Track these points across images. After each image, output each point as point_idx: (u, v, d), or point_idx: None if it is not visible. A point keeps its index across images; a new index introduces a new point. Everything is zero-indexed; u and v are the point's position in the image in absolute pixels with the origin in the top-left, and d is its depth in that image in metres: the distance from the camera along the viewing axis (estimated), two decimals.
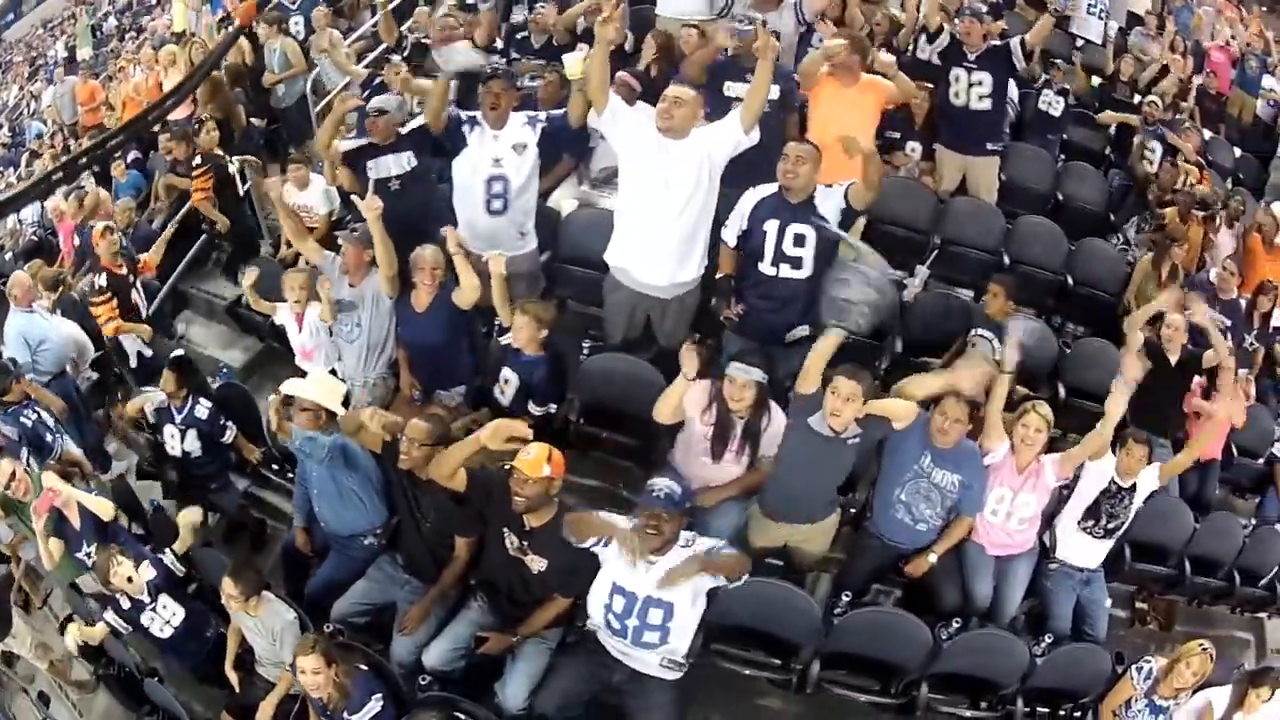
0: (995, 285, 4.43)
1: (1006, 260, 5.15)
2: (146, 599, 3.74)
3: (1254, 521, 5.12)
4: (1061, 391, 4.68)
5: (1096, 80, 7.37)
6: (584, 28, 5.77)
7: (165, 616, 3.77)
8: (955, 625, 3.79)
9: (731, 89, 4.52)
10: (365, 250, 4.08)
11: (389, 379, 4.34)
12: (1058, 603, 4.04)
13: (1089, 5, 7.89)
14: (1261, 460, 5.27)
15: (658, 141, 3.73)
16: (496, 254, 3.99)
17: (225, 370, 5.50)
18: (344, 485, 3.62)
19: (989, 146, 5.33)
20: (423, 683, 3.38)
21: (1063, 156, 6.26)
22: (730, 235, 3.87)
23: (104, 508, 3.98)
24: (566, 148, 4.89)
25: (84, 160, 6.75)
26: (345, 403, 3.78)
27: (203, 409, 4.42)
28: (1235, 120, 8.05)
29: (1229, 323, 5.15)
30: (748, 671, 3.79)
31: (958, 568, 3.89)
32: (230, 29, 7.18)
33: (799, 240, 3.74)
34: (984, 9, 5.45)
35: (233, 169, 6.13)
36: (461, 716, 3.24)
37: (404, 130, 4.47)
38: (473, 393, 4.17)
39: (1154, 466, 3.97)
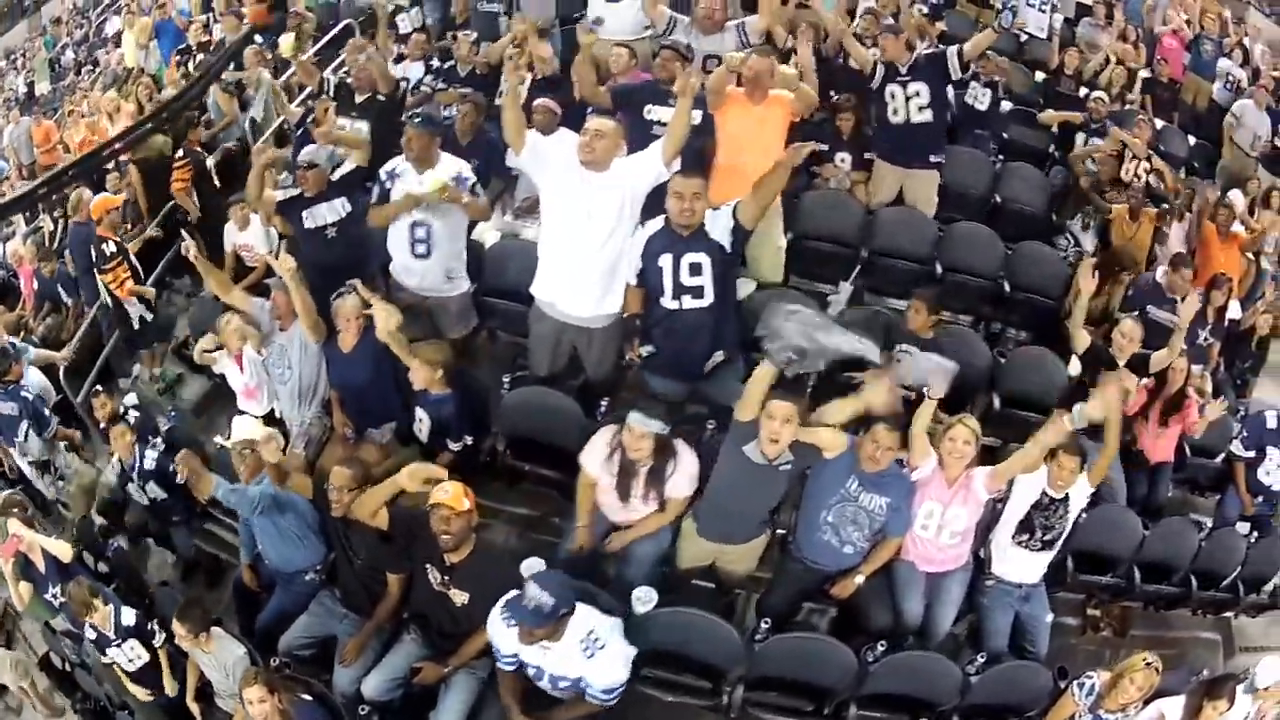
0: (916, 301, 4.34)
1: (939, 269, 5.07)
2: (113, 636, 3.91)
3: (1212, 522, 5.03)
4: (996, 402, 4.59)
5: (1040, 75, 7.29)
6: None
7: (130, 656, 3.96)
8: (881, 648, 3.71)
9: (652, 112, 4.47)
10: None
11: (324, 418, 4.42)
12: (994, 619, 3.95)
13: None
14: (1220, 458, 5.13)
15: (579, 174, 3.74)
16: (383, 308, 4.00)
17: (174, 412, 5.45)
18: (282, 527, 3.79)
19: (931, 159, 5.21)
20: (362, 712, 3.51)
21: (1001, 157, 6.15)
22: (630, 274, 3.85)
23: (62, 550, 4.24)
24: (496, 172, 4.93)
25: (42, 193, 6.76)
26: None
27: (150, 459, 4.48)
28: (1190, 107, 7.92)
29: (1177, 320, 4.95)
30: (670, 699, 3.75)
31: (887, 587, 3.83)
32: (244, 31, 7.25)
33: (695, 269, 3.71)
34: (894, 23, 5.34)
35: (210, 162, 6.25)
36: None
37: (334, 178, 4.62)
38: (401, 429, 4.24)
39: (1084, 476, 3.87)
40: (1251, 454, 4.98)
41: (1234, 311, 5.64)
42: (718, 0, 4.91)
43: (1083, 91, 6.98)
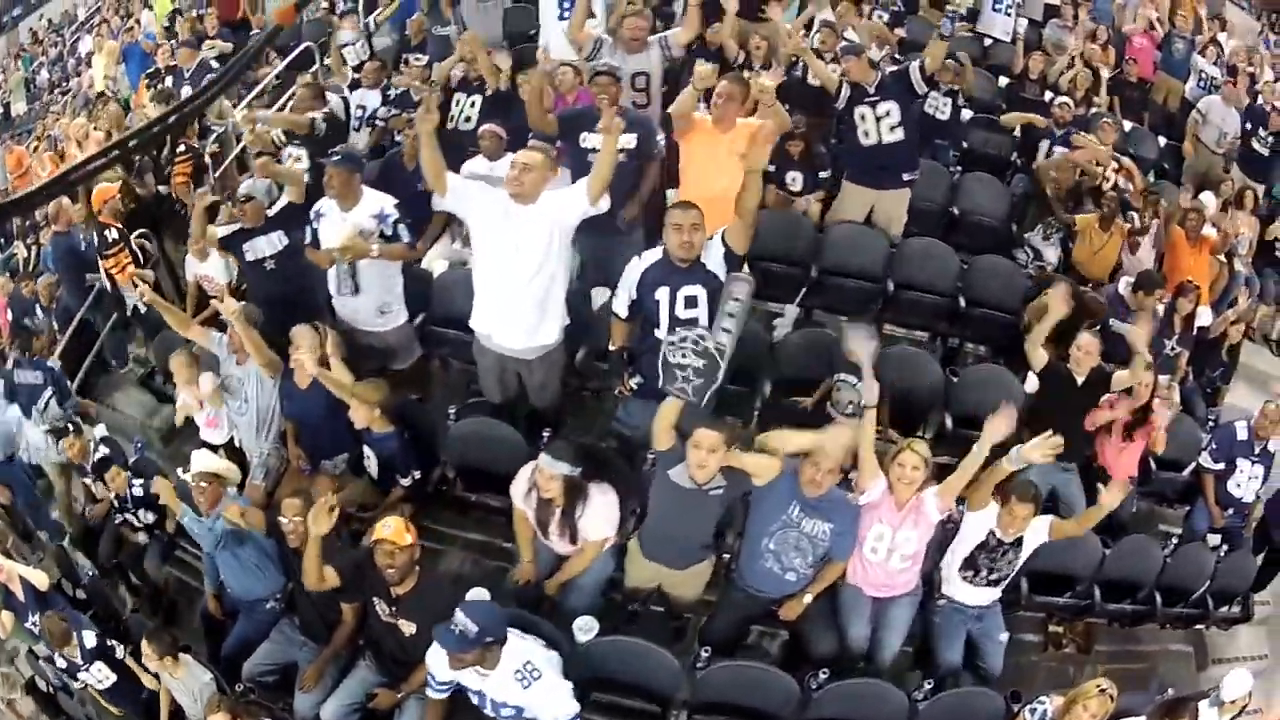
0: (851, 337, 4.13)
1: (891, 287, 5.01)
2: (80, 661, 4.02)
3: (1180, 535, 4.95)
4: (949, 422, 4.52)
5: (1004, 80, 7.20)
6: (460, 78, 5.82)
7: (99, 677, 4.07)
8: (824, 675, 3.66)
9: (588, 140, 4.46)
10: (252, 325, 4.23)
11: (281, 450, 4.47)
12: (947, 638, 3.90)
13: (994, 2, 7.75)
14: (1188, 471, 5.01)
15: (505, 208, 3.73)
16: (306, 354, 4.02)
17: (140, 442, 5.41)
18: (242, 558, 3.92)
19: (905, 177, 5.10)
20: None
21: (960, 167, 6.07)
22: (620, 307, 3.82)
23: (39, 578, 4.32)
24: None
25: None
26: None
27: (138, 486, 4.54)
28: (1161, 107, 7.79)
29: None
30: None
31: (832, 611, 3.79)
32: (269, 29, 7.15)
33: (690, 302, 3.69)
34: (853, 44, 5.29)
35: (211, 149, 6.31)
36: None
37: (271, 212, 4.72)
38: (353, 461, 4.32)
39: (1044, 521, 3.78)
40: (1220, 466, 4.89)
41: (1204, 318, 5.53)
42: (643, 19, 4.90)
43: (1048, 96, 6.88)
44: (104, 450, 4.75)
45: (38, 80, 12.45)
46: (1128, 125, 7.22)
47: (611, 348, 3.95)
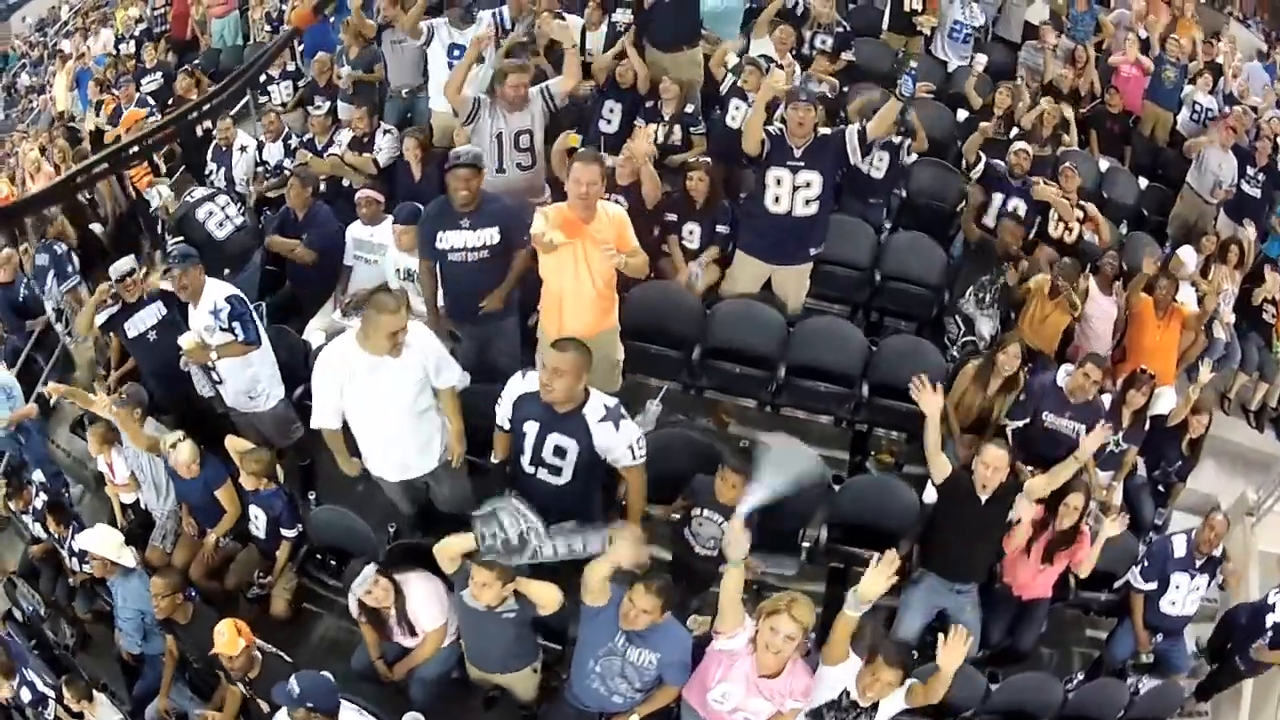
0: (729, 472, 3.57)
1: (782, 372, 4.45)
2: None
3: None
4: (823, 535, 3.99)
5: (964, 114, 6.52)
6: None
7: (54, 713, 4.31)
8: None
9: (444, 239, 4.06)
10: (133, 411, 4.41)
11: (178, 514, 4.62)
12: None
13: (952, 27, 7.02)
14: (1116, 586, 4.38)
15: (367, 369, 3.47)
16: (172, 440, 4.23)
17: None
18: (148, 620, 4.25)
19: (811, 252, 4.58)
20: None
21: (889, 224, 5.48)
22: (501, 419, 3.58)
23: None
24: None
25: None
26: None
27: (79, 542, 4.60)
28: (1147, 141, 6.98)
29: (1082, 428, 4.26)
30: None
31: None
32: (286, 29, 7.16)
33: (559, 452, 3.45)
34: (820, 88, 4.67)
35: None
36: None
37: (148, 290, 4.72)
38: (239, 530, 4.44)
39: (903, 689, 3.24)
40: (1152, 586, 4.25)
41: (1164, 403, 4.81)
42: (525, 74, 4.51)
43: (1014, 132, 6.21)
44: (44, 496, 4.91)
45: (18, 84, 12.25)
46: (1105, 164, 6.53)
47: (494, 459, 3.71)
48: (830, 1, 6.56)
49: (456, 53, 5.19)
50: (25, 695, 4.21)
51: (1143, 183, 6.55)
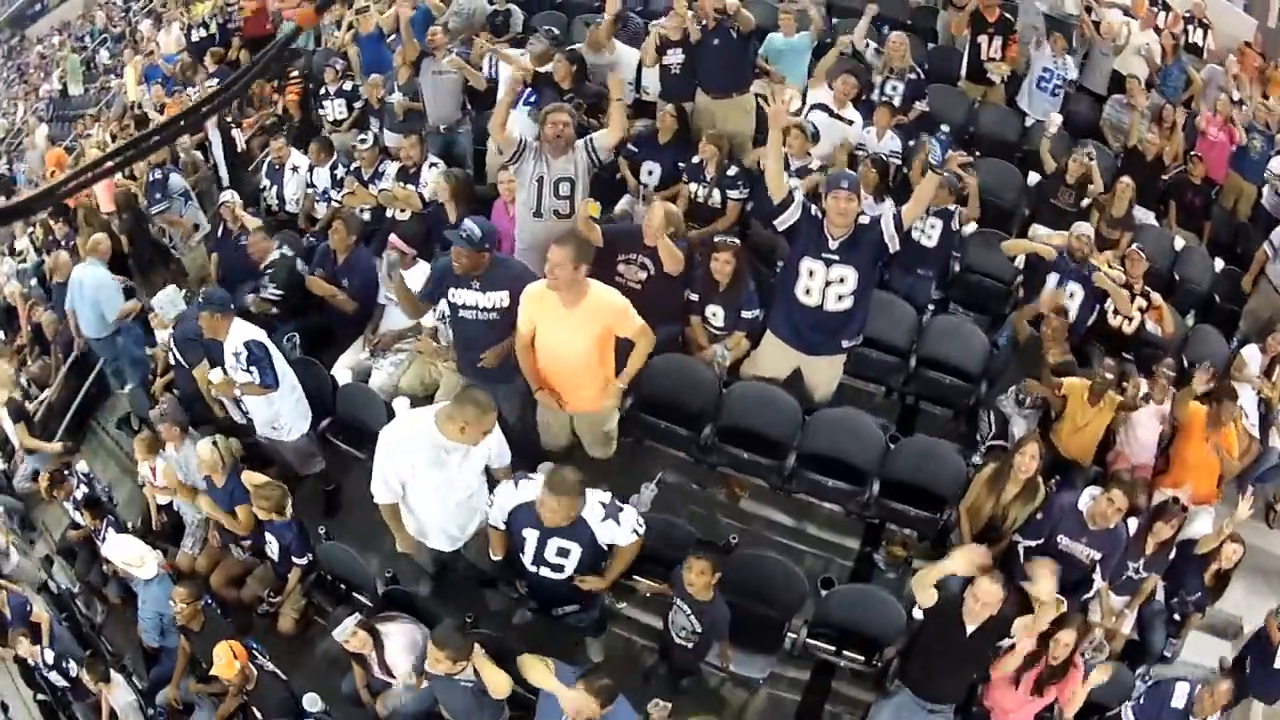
0: (693, 560, 3.53)
1: (792, 460, 4.35)
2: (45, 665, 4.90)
3: None
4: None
5: (1036, 177, 6.19)
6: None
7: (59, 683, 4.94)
8: None
9: (456, 295, 4.09)
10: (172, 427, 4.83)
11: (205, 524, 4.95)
12: None
13: (1041, 75, 6.61)
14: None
15: (444, 449, 3.47)
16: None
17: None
18: (166, 620, 4.63)
19: (844, 344, 4.33)
20: None
21: (937, 301, 5.25)
22: (495, 520, 3.61)
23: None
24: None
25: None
26: None
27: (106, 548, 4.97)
28: (1228, 215, 6.50)
29: (1099, 555, 4.07)
30: None
31: None
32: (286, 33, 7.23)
33: (562, 553, 3.51)
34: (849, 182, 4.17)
35: None
36: None
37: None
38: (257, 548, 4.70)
39: None
40: None
41: (1199, 527, 4.52)
42: (565, 115, 4.37)
43: (1085, 202, 5.87)
44: (84, 490, 5.31)
45: (96, 61, 12.55)
46: (1179, 242, 6.13)
47: (494, 556, 3.74)
48: (904, 45, 6.31)
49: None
50: (49, 656, 4.83)
51: (1218, 264, 6.11)
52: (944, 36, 7.26)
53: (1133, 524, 4.23)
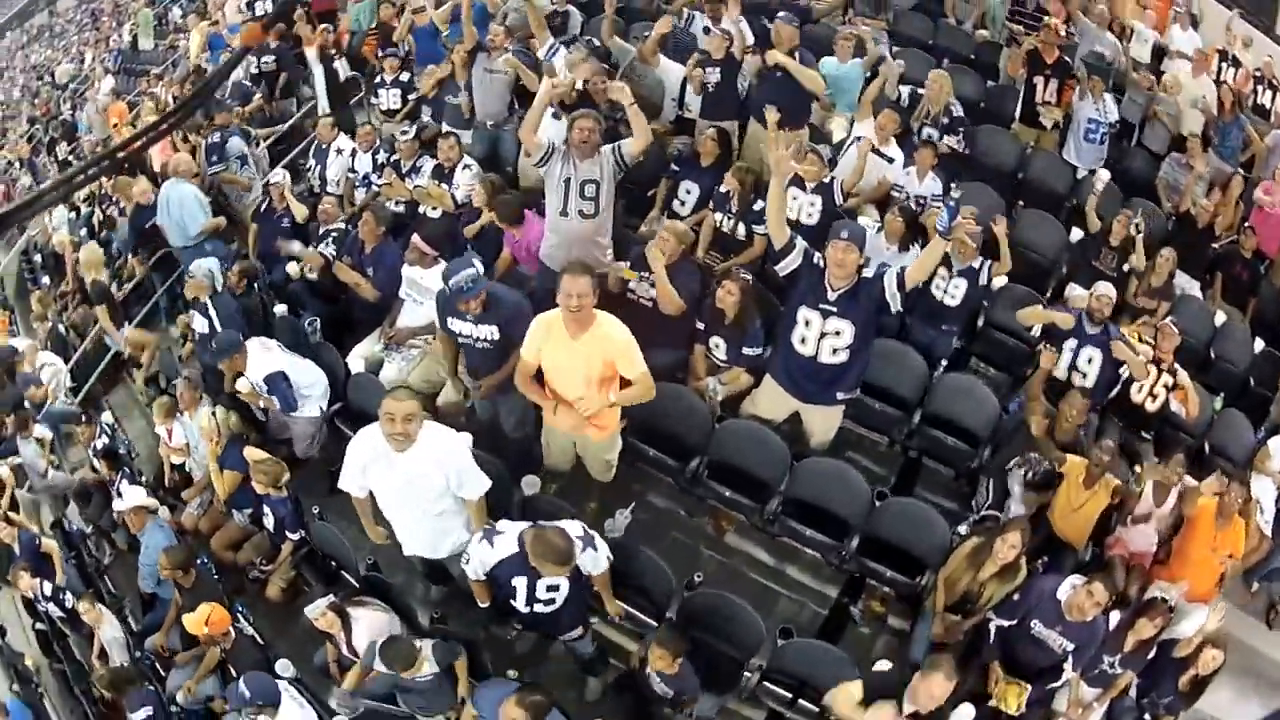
0: (656, 644, 3.60)
1: (775, 504, 4.34)
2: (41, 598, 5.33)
3: None
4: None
5: (1079, 233, 6.01)
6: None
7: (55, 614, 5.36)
8: None
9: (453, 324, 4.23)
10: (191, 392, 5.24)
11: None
12: None
13: (1087, 127, 6.37)
14: None
15: (387, 459, 3.55)
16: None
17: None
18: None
19: (839, 396, 4.33)
20: (172, 709, 4.58)
21: (954, 352, 5.12)
22: (475, 574, 3.69)
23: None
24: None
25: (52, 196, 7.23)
26: None
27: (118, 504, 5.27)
28: (1275, 294, 6.15)
29: (1072, 647, 3.96)
30: None
31: None
32: (238, 51, 7.42)
33: (552, 588, 3.63)
34: (849, 232, 4.07)
35: None
36: None
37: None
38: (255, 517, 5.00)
39: None
40: None
41: (1188, 626, 4.29)
42: (590, 122, 4.47)
43: (1127, 266, 5.68)
44: (105, 439, 5.66)
45: (169, 18, 12.71)
46: (1220, 317, 5.90)
47: (481, 604, 3.85)
48: (944, 85, 6.11)
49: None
50: (47, 589, 5.21)
51: (1259, 345, 5.84)
52: (1005, 75, 7.06)
53: (1115, 617, 4.12)
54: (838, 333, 4.07)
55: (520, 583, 3.58)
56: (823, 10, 7.31)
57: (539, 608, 3.66)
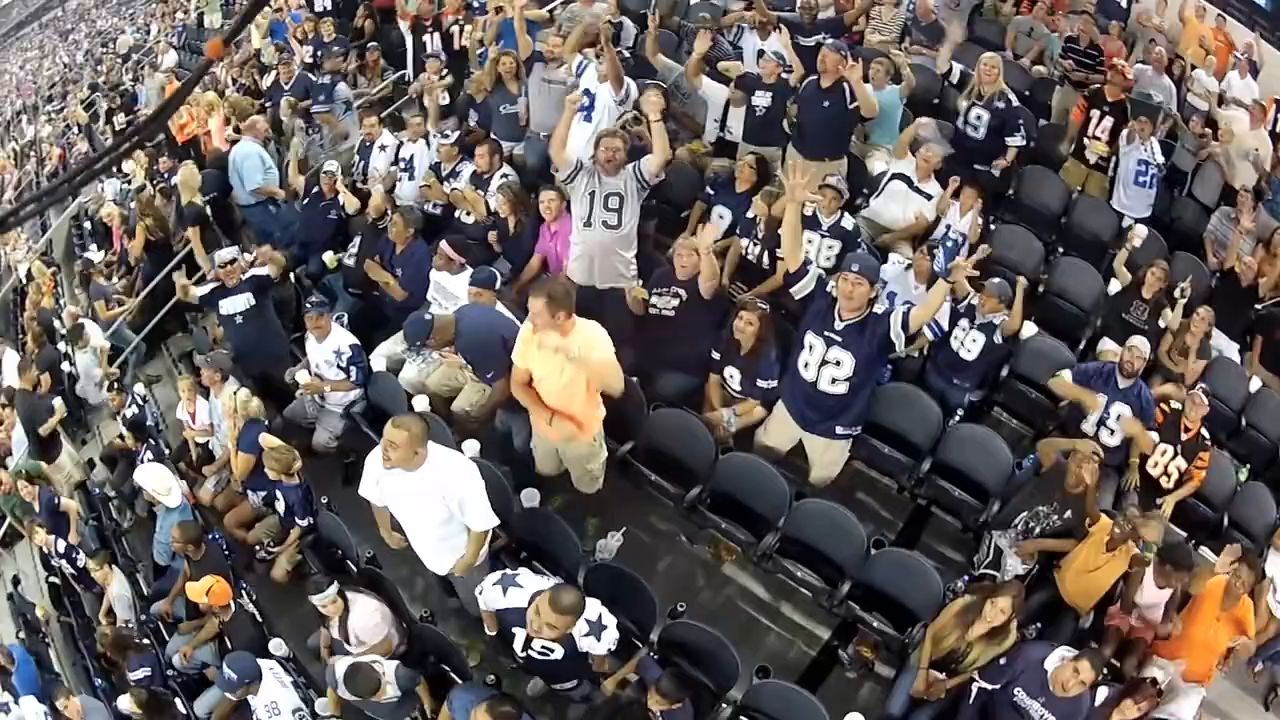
0: (654, 691, 3.61)
1: (771, 540, 4.34)
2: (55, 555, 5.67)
3: None
4: None
5: (1116, 286, 5.85)
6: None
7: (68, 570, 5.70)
8: None
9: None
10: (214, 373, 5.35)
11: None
12: None
13: (1137, 170, 6.17)
14: None
15: (397, 475, 3.64)
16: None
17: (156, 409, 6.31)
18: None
19: (839, 431, 4.38)
20: (169, 673, 4.85)
21: (967, 407, 5.02)
22: (485, 605, 3.76)
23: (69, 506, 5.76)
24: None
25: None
26: None
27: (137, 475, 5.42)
28: None
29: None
30: None
31: None
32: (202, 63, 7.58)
33: (546, 649, 3.66)
34: (861, 265, 4.06)
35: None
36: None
37: (245, 276, 5.54)
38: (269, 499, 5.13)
39: None
40: None
41: (1184, 710, 4.20)
42: (619, 139, 4.72)
43: (1161, 322, 5.53)
44: (134, 410, 5.84)
45: None
46: (1256, 383, 5.72)
47: (489, 632, 3.89)
48: (997, 69, 6.01)
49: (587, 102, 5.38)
50: (60, 546, 5.49)
51: None
52: (1056, 113, 6.90)
53: (1103, 693, 4.02)
54: (838, 363, 4.13)
55: (519, 633, 3.65)
56: (875, 41, 7.18)
57: (534, 653, 3.70)
